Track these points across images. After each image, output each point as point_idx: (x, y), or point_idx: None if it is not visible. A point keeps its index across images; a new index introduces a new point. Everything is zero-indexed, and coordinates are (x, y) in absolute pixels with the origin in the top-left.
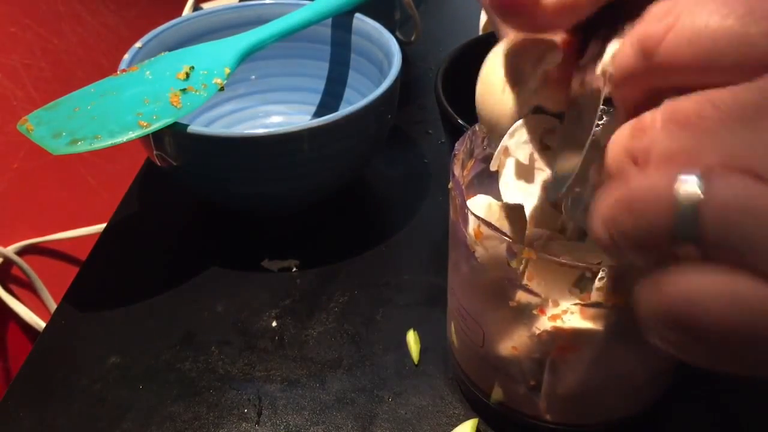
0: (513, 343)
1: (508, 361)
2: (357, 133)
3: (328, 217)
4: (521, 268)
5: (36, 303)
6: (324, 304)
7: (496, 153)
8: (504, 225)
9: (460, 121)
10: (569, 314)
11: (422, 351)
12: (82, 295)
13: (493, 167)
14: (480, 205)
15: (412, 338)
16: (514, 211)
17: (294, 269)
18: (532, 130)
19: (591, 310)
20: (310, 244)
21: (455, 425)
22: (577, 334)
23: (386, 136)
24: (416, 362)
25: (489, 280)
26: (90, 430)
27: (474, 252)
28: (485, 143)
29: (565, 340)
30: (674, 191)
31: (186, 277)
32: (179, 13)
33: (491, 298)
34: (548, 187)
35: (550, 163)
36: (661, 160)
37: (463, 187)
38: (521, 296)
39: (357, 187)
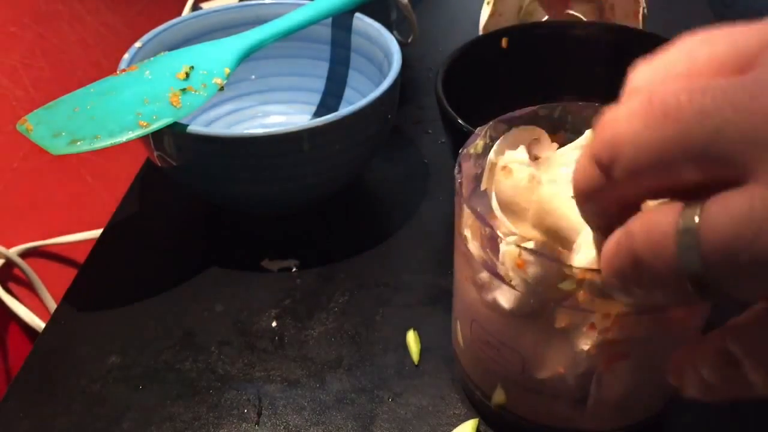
0: (558, 364)
1: (551, 383)
2: (357, 133)
3: (328, 217)
4: (573, 288)
5: (37, 304)
6: (324, 304)
7: (485, 172)
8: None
9: (460, 121)
10: (620, 325)
11: (422, 351)
12: (82, 295)
13: (483, 186)
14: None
15: (412, 338)
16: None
17: (294, 269)
18: (519, 143)
19: (641, 316)
20: (310, 244)
21: (455, 425)
22: (627, 343)
23: (386, 136)
24: (416, 362)
25: (530, 307)
26: (90, 430)
27: (511, 281)
28: (477, 161)
29: (615, 350)
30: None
31: (186, 277)
32: (179, 13)
33: (531, 324)
34: None
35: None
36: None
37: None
38: (568, 316)
39: (357, 187)
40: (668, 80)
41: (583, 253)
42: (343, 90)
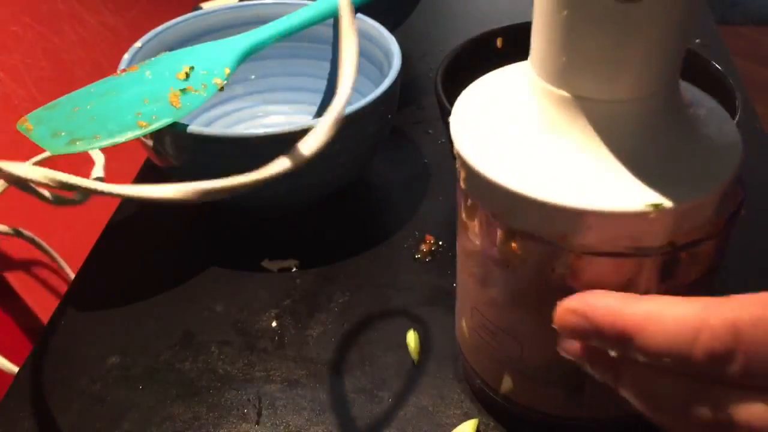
0: (554, 350)
1: (549, 368)
2: (357, 133)
3: (328, 217)
4: (568, 270)
5: (37, 304)
6: (324, 304)
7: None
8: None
9: None
10: None
11: (422, 351)
12: (82, 295)
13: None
14: None
15: (412, 338)
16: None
17: (294, 269)
18: None
19: None
20: (310, 244)
21: (455, 425)
22: None
23: (386, 136)
24: (416, 362)
25: (525, 291)
26: (90, 430)
27: (508, 266)
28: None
29: None
30: None
31: (186, 277)
32: (179, 13)
33: (529, 308)
34: None
35: None
36: None
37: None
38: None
39: (357, 187)
40: None
41: None
42: None
